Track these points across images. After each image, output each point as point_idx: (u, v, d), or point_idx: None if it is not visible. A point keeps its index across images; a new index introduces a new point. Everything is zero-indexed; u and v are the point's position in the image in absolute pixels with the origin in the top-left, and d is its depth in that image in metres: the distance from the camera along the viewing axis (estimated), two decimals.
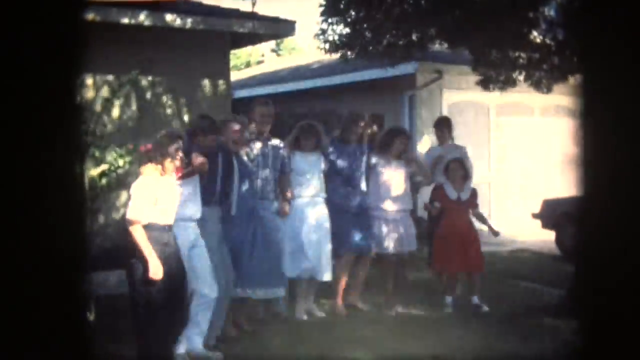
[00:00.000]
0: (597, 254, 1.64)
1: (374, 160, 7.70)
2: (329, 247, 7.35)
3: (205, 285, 5.91)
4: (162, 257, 5.26)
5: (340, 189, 7.59)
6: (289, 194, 7.24)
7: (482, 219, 8.14)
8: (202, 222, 6.07)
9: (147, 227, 5.27)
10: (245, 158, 6.79)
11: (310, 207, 7.36)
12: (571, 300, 1.85)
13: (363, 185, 7.64)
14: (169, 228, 5.44)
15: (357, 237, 7.53)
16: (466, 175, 7.99)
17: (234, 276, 6.49)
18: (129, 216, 5.29)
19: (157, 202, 5.34)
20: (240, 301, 6.77)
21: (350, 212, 7.54)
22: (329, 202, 7.49)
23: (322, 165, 7.48)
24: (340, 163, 7.58)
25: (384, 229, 7.65)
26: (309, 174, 7.38)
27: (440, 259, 7.98)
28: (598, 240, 1.62)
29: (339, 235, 7.44)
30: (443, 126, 8.89)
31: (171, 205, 5.48)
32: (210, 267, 5.98)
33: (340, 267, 7.54)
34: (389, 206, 7.68)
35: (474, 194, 8.05)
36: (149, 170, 5.42)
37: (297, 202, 7.32)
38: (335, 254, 7.52)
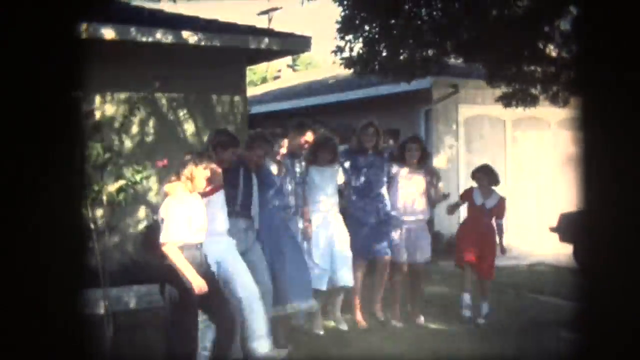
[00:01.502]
0: (603, 265, 1.66)
1: (393, 170, 7.71)
2: (348, 254, 7.35)
3: (244, 289, 5.93)
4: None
5: (357, 200, 7.59)
6: (307, 215, 7.28)
7: (499, 231, 8.13)
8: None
9: (182, 248, 5.30)
10: (275, 172, 6.83)
11: (325, 221, 7.37)
12: (580, 312, 1.85)
13: (384, 195, 7.66)
14: (200, 246, 5.46)
15: (370, 245, 7.52)
16: (492, 182, 8.03)
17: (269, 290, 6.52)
18: (163, 239, 5.26)
19: (190, 221, 5.36)
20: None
21: (367, 223, 7.53)
22: (347, 213, 7.50)
23: (338, 179, 7.50)
24: (358, 173, 7.58)
25: (398, 239, 7.65)
26: (325, 188, 7.40)
27: (458, 251, 8.06)
28: (604, 251, 1.64)
29: (354, 246, 7.46)
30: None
31: (203, 223, 5.49)
32: (245, 270, 6.01)
33: (355, 277, 7.56)
34: (405, 215, 7.69)
35: (501, 202, 8.07)
36: (177, 190, 5.43)
37: (312, 217, 7.35)
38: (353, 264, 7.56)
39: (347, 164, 7.58)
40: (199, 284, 5.22)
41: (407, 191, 7.69)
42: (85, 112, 6.12)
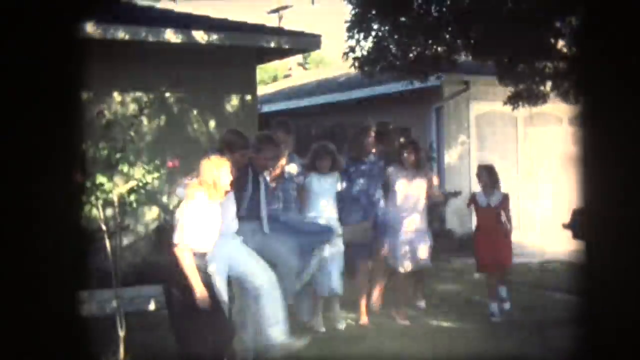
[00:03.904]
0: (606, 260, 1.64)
1: (391, 173, 7.67)
2: (341, 263, 7.32)
3: (258, 277, 5.90)
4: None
5: (356, 207, 7.55)
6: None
7: (509, 219, 8.16)
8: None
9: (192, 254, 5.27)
10: (268, 178, 6.82)
11: None
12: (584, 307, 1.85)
13: (380, 202, 7.63)
14: (205, 255, 5.40)
15: (369, 247, 7.54)
16: (493, 181, 8.04)
17: None
18: (177, 240, 5.20)
19: (205, 229, 5.30)
20: None
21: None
22: (345, 220, 7.46)
23: (338, 187, 7.46)
24: (356, 181, 7.55)
25: (399, 246, 7.60)
26: (324, 196, 7.37)
27: (478, 260, 8.08)
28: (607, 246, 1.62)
29: (354, 250, 7.43)
30: None
31: (214, 233, 5.43)
32: (257, 260, 5.99)
33: (360, 277, 7.57)
34: (404, 221, 7.64)
35: (505, 198, 8.08)
36: (198, 194, 5.34)
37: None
38: (352, 269, 7.59)
39: (347, 172, 7.54)
40: (202, 294, 5.18)
41: (405, 194, 7.66)
42: (96, 112, 6.12)
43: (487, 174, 8.08)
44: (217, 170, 5.36)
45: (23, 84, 1.51)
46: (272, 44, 10.53)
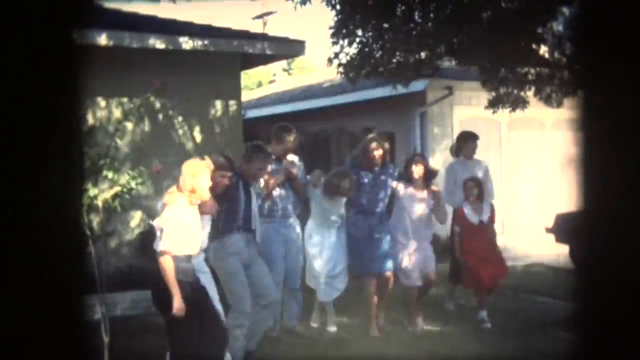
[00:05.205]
0: (600, 265, 1.66)
1: (398, 189, 7.64)
2: (334, 272, 7.41)
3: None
4: (188, 285, 5.30)
5: (360, 217, 7.50)
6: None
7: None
8: (226, 249, 6.18)
9: (175, 258, 5.27)
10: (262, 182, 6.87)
11: (331, 233, 7.38)
12: (578, 313, 1.86)
13: (385, 213, 7.61)
14: (192, 258, 5.42)
15: (376, 260, 7.43)
16: (481, 194, 8.00)
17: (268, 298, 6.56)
18: (161, 248, 5.24)
19: (187, 233, 5.33)
20: None
21: (370, 238, 7.45)
22: (350, 228, 7.48)
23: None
24: (362, 190, 7.46)
25: (408, 262, 7.54)
26: (334, 211, 7.39)
27: (472, 278, 7.96)
28: (601, 251, 1.65)
29: (361, 260, 7.43)
30: (469, 140, 9.00)
31: (197, 235, 5.46)
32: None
33: (368, 291, 7.50)
34: (409, 236, 7.61)
35: (493, 208, 8.10)
36: (178, 201, 5.38)
37: (317, 227, 7.38)
38: (358, 277, 7.62)
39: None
40: (178, 307, 5.19)
41: (412, 210, 7.62)
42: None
43: (476, 186, 8.02)
44: (196, 174, 5.39)
45: (10, 91, 1.53)
46: (257, 50, 10.55)
